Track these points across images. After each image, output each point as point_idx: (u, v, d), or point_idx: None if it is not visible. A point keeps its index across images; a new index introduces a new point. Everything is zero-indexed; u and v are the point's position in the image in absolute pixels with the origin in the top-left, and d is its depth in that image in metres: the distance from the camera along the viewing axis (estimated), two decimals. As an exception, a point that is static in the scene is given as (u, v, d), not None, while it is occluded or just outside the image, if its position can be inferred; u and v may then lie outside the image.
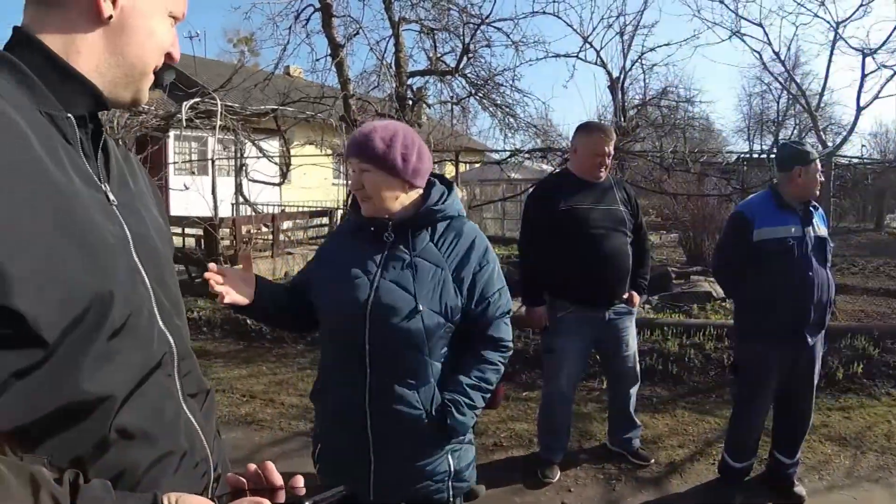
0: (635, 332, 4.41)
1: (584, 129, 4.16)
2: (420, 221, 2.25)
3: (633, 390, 4.45)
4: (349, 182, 11.69)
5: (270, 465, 1.14)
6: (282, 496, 1.10)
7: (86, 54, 1.10)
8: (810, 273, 3.66)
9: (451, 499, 2.35)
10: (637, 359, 4.44)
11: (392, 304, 2.14)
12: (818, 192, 3.84)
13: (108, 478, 0.96)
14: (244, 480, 1.14)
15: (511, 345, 2.37)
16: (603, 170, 4.08)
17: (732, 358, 4.18)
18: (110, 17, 1.09)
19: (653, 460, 4.44)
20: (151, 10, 1.15)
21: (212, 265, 2.14)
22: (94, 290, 0.97)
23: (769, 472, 4.14)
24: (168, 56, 1.22)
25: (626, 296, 4.19)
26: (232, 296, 2.16)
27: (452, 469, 2.32)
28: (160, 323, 1.15)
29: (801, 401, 3.91)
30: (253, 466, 1.14)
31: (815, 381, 3.91)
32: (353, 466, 2.29)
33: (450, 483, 2.32)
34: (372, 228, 2.25)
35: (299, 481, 1.12)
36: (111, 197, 1.13)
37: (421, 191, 2.29)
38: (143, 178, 1.35)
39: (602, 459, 4.51)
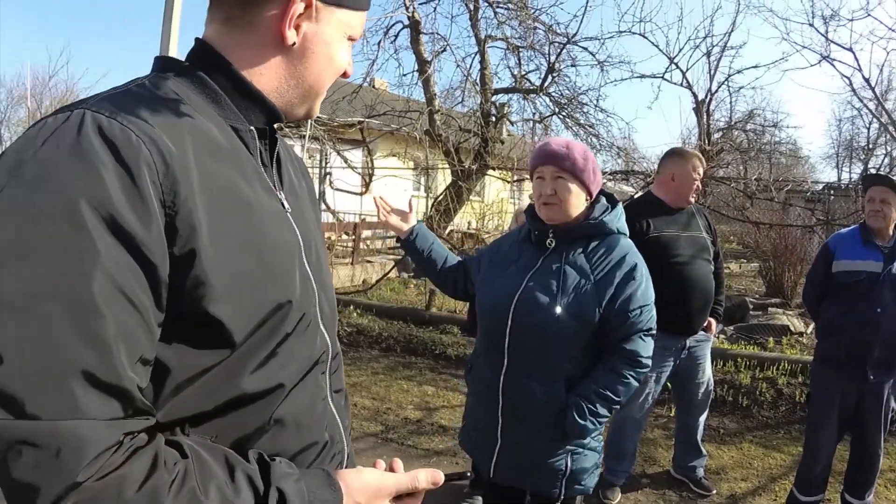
0: (710, 359, 4.42)
1: (679, 154, 4.17)
2: (578, 232, 2.46)
3: (703, 418, 4.46)
4: (429, 193, 11.84)
5: (399, 462, 1.21)
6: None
7: (268, 76, 1.13)
8: (878, 310, 3.66)
9: (563, 498, 2.48)
10: (711, 386, 4.45)
11: (533, 303, 2.39)
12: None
13: None
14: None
15: (648, 362, 2.46)
16: (695, 195, 4.12)
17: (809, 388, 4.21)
18: (293, 43, 1.11)
19: (714, 491, 4.43)
20: (333, 37, 1.16)
21: (378, 196, 2.85)
22: (276, 300, 1.04)
23: (839, 513, 4.08)
24: (343, 74, 1.24)
25: (705, 323, 4.20)
26: (392, 219, 2.80)
27: (568, 469, 2.45)
28: (321, 325, 1.21)
29: (867, 440, 3.87)
30: (381, 462, 1.20)
31: (884, 423, 3.86)
32: (484, 445, 2.57)
33: (563, 482, 2.45)
34: (536, 233, 2.53)
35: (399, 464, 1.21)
36: (286, 205, 1.18)
37: (587, 204, 2.51)
38: (305, 180, 1.40)
39: (664, 486, 4.53)
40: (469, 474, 1.33)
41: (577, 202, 2.45)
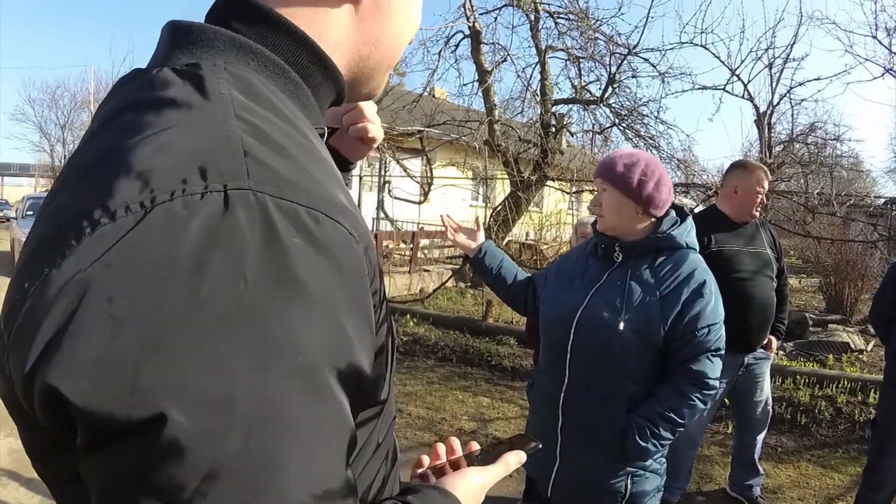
0: (769, 378, 4.40)
1: (742, 166, 4.13)
2: (645, 246, 2.38)
3: (761, 437, 4.44)
4: (487, 203, 11.94)
5: (475, 444, 1.17)
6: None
7: (343, 47, 0.82)
8: None
9: None
10: (770, 404, 4.43)
11: (596, 319, 2.33)
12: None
13: None
14: (440, 454, 1.17)
15: (715, 384, 2.29)
16: (760, 208, 4.09)
17: (875, 411, 4.09)
18: None
19: (772, 511, 4.42)
20: None
21: (445, 215, 2.79)
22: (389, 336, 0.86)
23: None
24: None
25: (765, 341, 4.17)
26: (460, 237, 2.76)
27: (628, 492, 2.36)
28: None
29: None
30: (455, 439, 1.17)
31: None
32: (544, 461, 2.51)
33: None
34: (602, 246, 2.49)
35: (475, 445, 1.19)
36: None
37: (654, 219, 2.41)
38: None
39: (720, 504, 4.54)
40: (539, 445, 1.35)
41: (623, 215, 2.37)
